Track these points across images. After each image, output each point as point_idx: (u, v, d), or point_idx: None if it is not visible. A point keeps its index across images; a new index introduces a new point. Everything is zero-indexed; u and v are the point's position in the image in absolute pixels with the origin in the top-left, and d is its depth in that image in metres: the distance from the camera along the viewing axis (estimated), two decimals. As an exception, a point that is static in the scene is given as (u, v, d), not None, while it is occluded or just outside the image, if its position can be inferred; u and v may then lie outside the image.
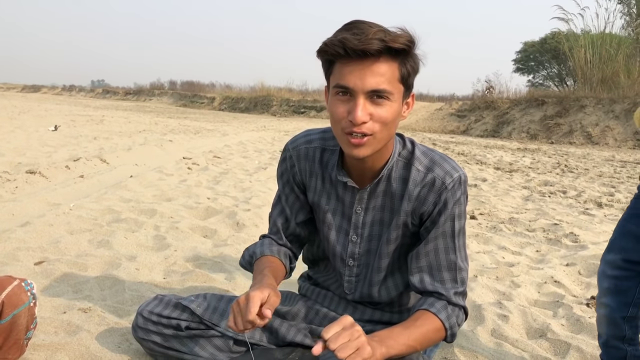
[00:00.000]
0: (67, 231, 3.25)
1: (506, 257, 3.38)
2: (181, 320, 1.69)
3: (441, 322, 1.45)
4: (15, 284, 1.50)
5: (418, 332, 1.40)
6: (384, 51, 1.28)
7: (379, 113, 1.32)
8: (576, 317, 2.35)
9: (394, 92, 1.33)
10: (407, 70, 1.35)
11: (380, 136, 1.36)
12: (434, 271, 1.50)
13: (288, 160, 1.66)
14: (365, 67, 1.29)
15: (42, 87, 56.87)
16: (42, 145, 7.50)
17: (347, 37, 1.27)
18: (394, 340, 1.34)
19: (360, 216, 1.58)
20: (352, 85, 1.30)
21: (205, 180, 5.57)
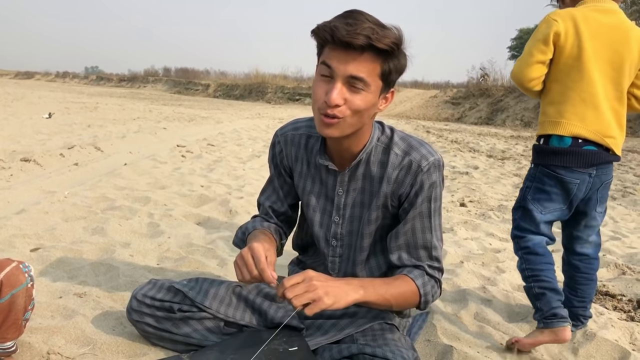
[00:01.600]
0: (62, 218, 3.30)
1: (493, 244, 3.46)
2: (174, 303, 1.76)
3: (417, 287, 1.57)
4: (14, 265, 1.56)
5: (395, 289, 1.53)
6: (367, 47, 1.36)
7: (353, 100, 1.42)
8: (557, 301, 2.42)
9: (371, 85, 1.42)
10: (389, 69, 1.44)
11: (350, 121, 1.46)
12: (411, 249, 1.62)
13: (276, 146, 1.78)
14: (349, 56, 1.38)
15: (35, 74, 56.52)
16: (36, 133, 7.52)
17: (339, 25, 1.35)
18: (373, 289, 1.47)
19: (342, 198, 1.68)
20: (334, 66, 1.40)
21: (199, 168, 5.62)
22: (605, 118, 1.95)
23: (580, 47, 1.92)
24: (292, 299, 1.33)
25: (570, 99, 1.95)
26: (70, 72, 55.09)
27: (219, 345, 1.68)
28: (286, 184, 1.81)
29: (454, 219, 4.08)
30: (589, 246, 2.13)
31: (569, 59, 1.95)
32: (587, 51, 1.92)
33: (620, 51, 1.94)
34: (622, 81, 1.96)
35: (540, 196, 2.02)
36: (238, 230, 1.85)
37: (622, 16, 1.99)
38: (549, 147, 2.00)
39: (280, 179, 1.81)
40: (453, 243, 3.40)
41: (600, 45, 1.93)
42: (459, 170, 6.76)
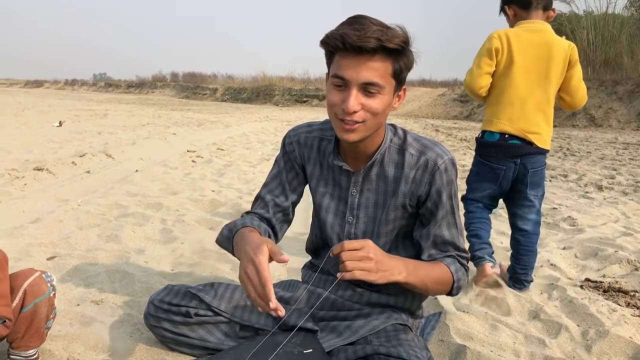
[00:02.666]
0: (76, 226, 3.35)
1: (504, 242, 3.46)
2: (190, 308, 1.79)
3: (451, 273, 1.64)
4: (37, 275, 1.60)
5: (434, 274, 1.61)
6: (379, 49, 1.41)
7: (370, 104, 1.46)
8: (569, 299, 2.43)
9: (385, 86, 1.47)
10: (400, 67, 1.49)
11: (370, 124, 1.50)
12: (439, 245, 1.68)
13: (288, 145, 1.81)
14: (361, 62, 1.42)
15: (44, 82, 57.05)
16: (47, 142, 7.61)
17: (348, 32, 1.40)
18: (415, 272, 1.54)
19: (356, 198, 1.71)
20: (347, 77, 1.43)
21: (209, 173, 5.67)
22: (530, 118, 2.41)
23: (511, 60, 2.40)
24: (345, 261, 1.36)
25: (502, 102, 2.44)
26: (79, 80, 55.54)
27: (234, 349, 1.71)
28: (296, 178, 1.81)
29: (463, 217, 4.08)
30: (528, 223, 2.56)
31: (502, 70, 2.43)
32: (516, 63, 2.39)
33: (546, 63, 2.39)
34: (548, 87, 2.42)
35: (477, 177, 2.61)
36: (224, 228, 1.77)
37: (550, 34, 2.43)
38: (483, 141, 2.53)
39: (292, 172, 1.81)
40: (464, 242, 3.41)
41: (529, 59, 2.39)
42: (468, 169, 6.73)
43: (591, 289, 2.62)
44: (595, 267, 2.99)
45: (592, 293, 2.55)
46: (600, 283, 2.68)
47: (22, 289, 1.55)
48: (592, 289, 2.62)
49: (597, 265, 3.01)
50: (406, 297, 1.79)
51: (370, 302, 1.81)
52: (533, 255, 2.58)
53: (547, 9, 2.46)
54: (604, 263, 3.02)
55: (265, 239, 1.48)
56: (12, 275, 1.59)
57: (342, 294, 1.83)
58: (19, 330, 1.58)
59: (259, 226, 1.72)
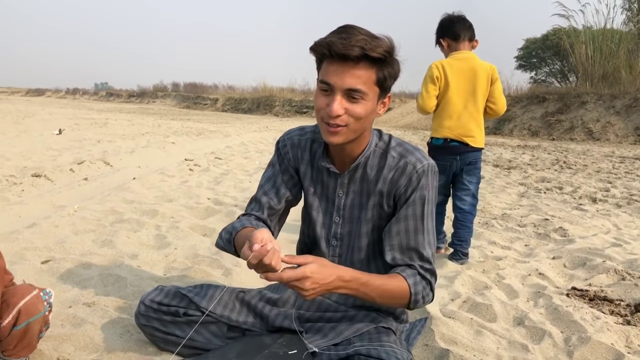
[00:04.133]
0: (72, 231, 3.39)
1: (495, 252, 3.50)
2: (180, 307, 1.84)
3: (408, 285, 1.62)
4: (34, 294, 1.63)
5: (387, 287, 1.60)
6: (362, 57, 1.48)
7: (353, 109, 1.54)
8: (554, 306, 2.47)
9: (368, 93, 1.54)
10: (384, 75, 1.56)
11: (353, 128, 1.58)
12: (403, 249, 1.68)
13: (282, 148, 1.86)
14: (346, 69, 1.50)
15: (46, 91, 57.19)
16: (47, 149, 7.66)
17: (334, 40, 1.48)
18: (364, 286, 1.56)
19: (342, 199, 1.77)
20: (332, 83, 1.52)
21: (206, 181, 5.71)
22: (465, 126, 3.16)
23: (447, 83, 3.14)
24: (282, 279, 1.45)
25: (443, 116, 3.18)
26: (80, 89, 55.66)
27: (221, 349, 1.75)
28: (291, 180, 1.85)
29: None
30: (465, 203, 3.23)
31: (442, 92, 3.17)
32: (451, 86, 3.13)
33: (473, 83, 3.15)
34: (477, 101, 3.18)
35: None
36: (222, 232, 1.81)
37: (474, 60, 3.17)
38: (432, 145, 3.25)
39: (286, 174, 1.84)
40: (455, 251, 3.45)
41: (460, 81, 3.14)
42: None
43: (577, 297, 2.65)
44: (583, 276, 3.03)
45: (578, 301, 2.59)
46: (586, 292, 2.72)
47: (17, 308, 1.58)
48: (577, 297, 2.65)
49: (584, 274, 3.05)
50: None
51: (356, 305, 1.85)
52: (469, 231, 3.23)
53: (471, 40, 3.21)
54: (591, 273, 3.06)
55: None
56: (10, 291, 1.62)
57: (329, 296, 1.87)
58: (10, 344, 1.62)
59: (257, 225, 1.76)
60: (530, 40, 32.54)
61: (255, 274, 2.70)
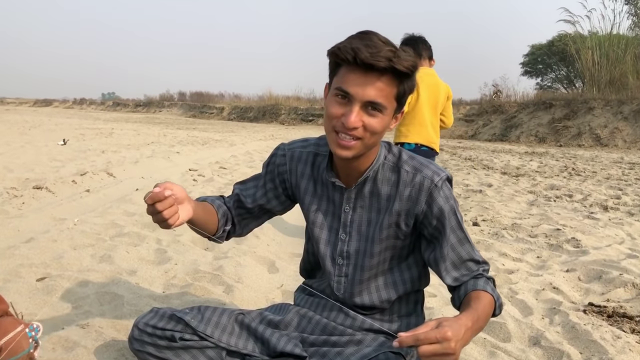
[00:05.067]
0: (70, 246, 3.30)
1: (506, 264, 3.39)
2: (175, 332, 1.72)
3: (491, 296, 1.51)
4: (18, 330, 1.53)
5: (486, 309, 1.46)
6: (388, 70, 1.38)
7: (371, 123, 1.43)
8: (572, 324, 2.35)
9: (387, 107, 1.44)
10: (404, 90, 1.47)
11: (368, 142, 1.47)
12: (460, 265, 1.58)
13: (279, 157, 1.77)
14: (369, 80, 1.39)
15: (53, 101, 57.53)
16: (50, 160, 7.60)
17: (360, 47, 1.36)
18: (477, 324, 1.38)
19: (349, 215, 1.66)
20: (352, 92, 1.40)
21: (209, 192, 5.62)
22: (431, 133, 3.69)
23: (419, 94, 3.59)
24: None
25: (414, 123, 3.63)
26: (88, 99, 55.98)
27: (219, 376, 1.64)
28: (274, 190, 1.77)
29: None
30: None
31: (414, 101, 3.60)
32: (421, 97, 3.61)
33: (436, 97, 3.69)
34: (437, 112, 3.75)
35: None
36: None
37: (436, 77, 3.73)
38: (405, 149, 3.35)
39: (270, 183, 1.77)
40: (465, 264, 3.34)
41: (428, 94, 3.64)
42: (472, 189, 6.68)
43: (595, 314, 2.54)
44: (599, 290, 2.91)
45: (596, 318, 2.47)
46: (604, 308, 2.60)
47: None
48: (595, 314, 2.54)
49: (601, 288, 2.93)
50: (400, 322, 1.73)
51: (363, 328, 1.74)
52: None
53: (430, 59, 3.68)
54: (608, 286, 2.94)
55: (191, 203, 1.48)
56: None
57: (334, 318, 1.76)
58: None
59: (219, 207, 1.71)
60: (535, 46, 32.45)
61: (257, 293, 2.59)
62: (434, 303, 2.64)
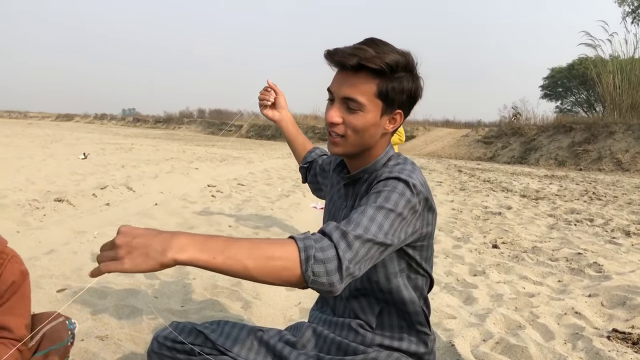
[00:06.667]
0: (90, 259, 3.32)
1: (527, 287, 3.34)
2: (195, 346, 1.72)
3: (294, 242, 1.15)
4: (60, 321, 1.56)
5: (262, 246, 1.12)
6: (359, 67, 1.41)
7: (350, 120, 1.46)
8: (595, 350, 2.30)
9: (366, 105, 1.45)
10: (386, 89, 1.45)
11: (352, 140, 1.49)
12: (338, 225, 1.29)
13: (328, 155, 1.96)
14: (345, 78, 1.45)
15: (75, 116, 58.45)
16: (71, 174, 7.69)
17: (339, 49, 1.44)
18: (214, 244, 1.07)
19: (343, 211, 1.67)
20: (332, 90, 1.48)
21: (227, 208, 5.64)
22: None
23: None
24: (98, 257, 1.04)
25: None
26: (108, 114, 56.80)
27: (238, 392, 1.63)
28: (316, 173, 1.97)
29: (486, 261, 3.97)
30: None
31: None
32: None
33: None
34: None
35: None
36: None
37: None
38: None
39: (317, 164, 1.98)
40: (485, 286, 3.30)
41: None
42: (491, 211, 6.62)
43: (619, 340, 2.48)
44: (623, 316, 2.84)
45: (620, 345, 2.41)
46: (629, 334, 2.54)
47: (42, 333, 1.51)
48: (620, 340, 2.48)
49: (625, 315, 2.87)
50: (410, 341, 1.69)
51: (374, 344, 1.72)
52: None
53: None
54: (632, 313, 2.87)
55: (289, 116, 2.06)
56: (37, 316, 1.57)
57: (346, 336, 1.75)
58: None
59: (312, 146, 2.10)
60: (555, 69, 32.38)
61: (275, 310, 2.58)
62: (454, 325, 2.60)
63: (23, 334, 1.49)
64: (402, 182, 1.43)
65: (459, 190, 8.93)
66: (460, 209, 6.71)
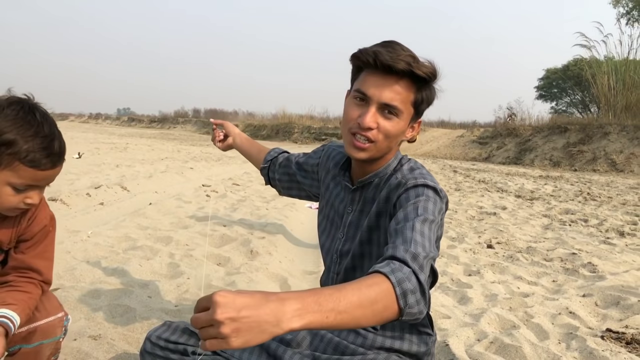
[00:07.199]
0: (83, 258, 3.31)
1: (521, 287, 3.34)
2: (188, 345, 1.71)
3: (387, 278, 1.12)
4: (58, 317, 1.56)
5: (362, 291, 1.07)
6: (407, 73, 1.41)
7: (385, 125, 1.45)
8: (589, 350, 2.30)
9: (403, 112, 1.46)
10: (422, 98, 1.49)
11: (381, 146, 1.49)
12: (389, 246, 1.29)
13: (320, 152, 1.89)
14: (387, 82, 1.43)
15: (69, 115, 58.29)
16: (65, 173, 7.64)
17: (381, 51, 1.41)
18: (318, 306, 0.99)
19: (349, 216, 1.67)
20: (370, 94, 1.44)
21: (222, 208, 5.63)
22: None
23: None
24: (199, 332, 0.95)
25: None
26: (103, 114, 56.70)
27: (231, 392, 1.62)
28: (307, 174, 1.91)
29: (481, 261, 3.97)
30: None
31: None
32: None
33: None
34: None
35: None
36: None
37: None
38: None
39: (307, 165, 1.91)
40: (480, 286, 3.30)
41: None
42: (486, 211, 6.63)
43: (613, 340, 2.48)
44: (617, 316, 2.85)
45: (614, 345, 2.42)
46: (623, 334, 2.54)
47: (35, 325, 1.50)
48: (614, 340, 2.48)
49: (619, 314, 2.87)
50: (411, 341, 1.69)
51: (375, 346, 1.71)
52: None
53: None
54: (626, 313, 2.88)
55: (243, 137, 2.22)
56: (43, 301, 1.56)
57: (346, 337, 1.74)
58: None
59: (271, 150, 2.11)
60: (550, 70, 32.48)
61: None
62: (448, 325, 2.60)
63: (51, 277, 1.57)
64: (431, 190, 1.47)
65: (454, 191, 8.94)
66: (455, 209, 6.72)
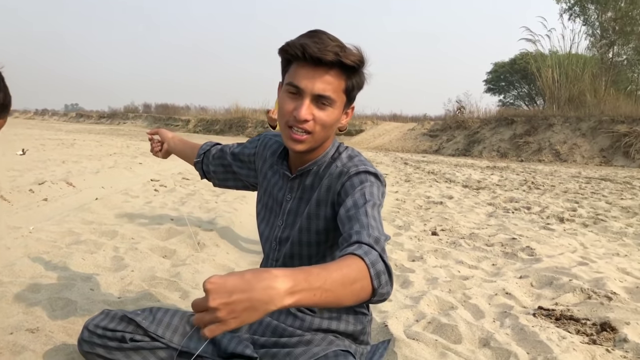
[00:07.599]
0: (24, 254, 3.24)
1: (462, 271, 3.45)
2: (126, 333, 1.72)
3: (364, 262, 1.19)
4: None
5: (342, 271, 1.13)
6: (336, 64, 1.44)
7: (321, 116, 1.49)
8: (520, 327, 2.42)
9: (336, 101, 1.49)
10: (352, 85, 1.52)
11: (318, 136, 1.53)
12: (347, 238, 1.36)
13: (256, 141, 1.89)
14: (317, 74, 1.45)
15: (14, 112, 56.14)
16: (7, 170, 7.41)
17: (308, 43, 1.42)
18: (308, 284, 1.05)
19: (289, 204, 1.71)
20: (302, 86, 1.46)
21: (170, 202, 5.58)
22: None
23: None
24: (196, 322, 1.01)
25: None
26: (50, 110, 54.89)
27: (169, 376, 1.63)
28: (243, 165, 1.91)
29: (425, 247, 4.08)
30: None
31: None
32: None
33: None
34: None
35: None
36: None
37: None
38: None
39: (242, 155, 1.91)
40: (422, 271, 3.39)
41: None
42: (433, 200, 6.79)
43: (543, 317, 2.61)
44: (549, 295, 2.99)
45: (544, 321, 2.54)
46: (553, 311, 2.67)
47: None
48: (544, 317, 2.61)
49: (551, 294, 3.01)
50: (348, 322, 1.75)
51: (312, 328, 1.76)
52: None
53: None
54: (558, 292, 3.02)
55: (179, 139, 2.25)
56: None
57: (284, 320, 1.78)
58: None
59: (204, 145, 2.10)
60: (498, 64, 33.27)
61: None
62: (389, 307, 2.67)
63: None
64: (373, 175, 1.56)
65: (404, 182, 9.10)
66: (404, 199, 6.85)
